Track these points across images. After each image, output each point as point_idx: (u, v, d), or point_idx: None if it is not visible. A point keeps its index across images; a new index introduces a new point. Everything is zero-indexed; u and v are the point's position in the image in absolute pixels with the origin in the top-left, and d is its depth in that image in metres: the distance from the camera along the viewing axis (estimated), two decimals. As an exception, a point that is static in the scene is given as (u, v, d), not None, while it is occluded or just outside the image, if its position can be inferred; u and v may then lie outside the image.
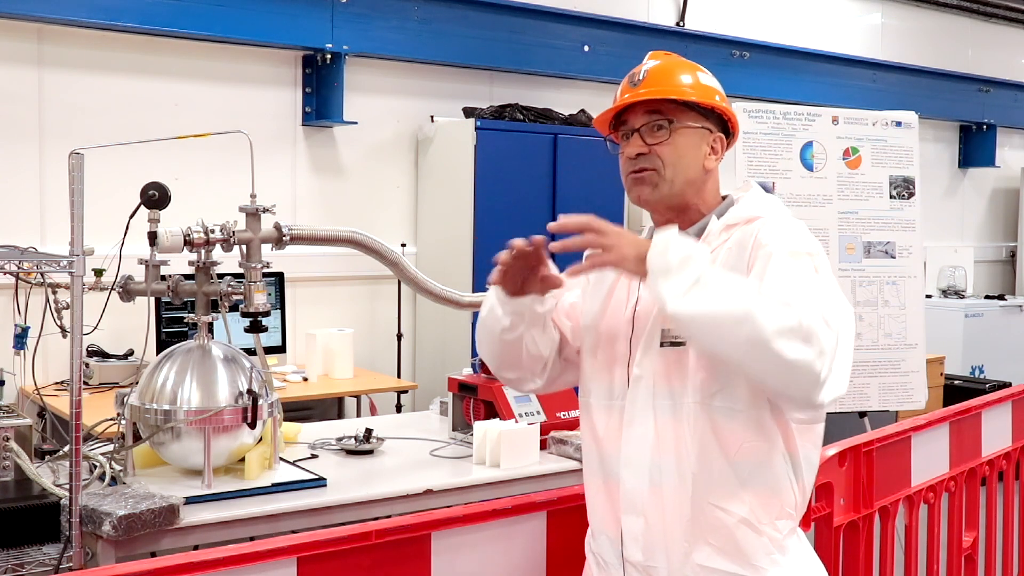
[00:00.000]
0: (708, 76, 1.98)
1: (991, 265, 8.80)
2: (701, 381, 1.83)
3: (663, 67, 1.96)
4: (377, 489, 2.83)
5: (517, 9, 5.63)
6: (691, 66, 1.98)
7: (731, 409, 1.82)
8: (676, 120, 1.91)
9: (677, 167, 1.90)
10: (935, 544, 3.12)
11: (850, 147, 4.75)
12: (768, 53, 6.76)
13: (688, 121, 1.91)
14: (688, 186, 1.92)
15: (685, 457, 1.84)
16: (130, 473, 2.72)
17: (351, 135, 5.27)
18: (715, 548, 1.85)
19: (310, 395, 4.46)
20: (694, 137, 1.92)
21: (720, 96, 1.96)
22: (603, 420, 1.97)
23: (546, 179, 5.34)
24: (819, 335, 1.64)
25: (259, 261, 2.80)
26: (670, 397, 1.86)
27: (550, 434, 3.19)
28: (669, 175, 1.90)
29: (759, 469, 1.84)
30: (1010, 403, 3.45)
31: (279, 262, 3.98)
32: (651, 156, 1.91)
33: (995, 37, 8.62)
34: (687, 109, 1.92)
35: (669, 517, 1.86)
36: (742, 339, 1.64)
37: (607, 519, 1.97)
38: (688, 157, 1.91)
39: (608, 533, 1.97)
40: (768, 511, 1.85)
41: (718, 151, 1.95)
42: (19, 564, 2.44)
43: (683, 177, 1.91)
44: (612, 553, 1.96)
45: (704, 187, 1.94)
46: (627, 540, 1.92)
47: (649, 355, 1.89)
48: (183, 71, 4.80)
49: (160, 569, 1.75)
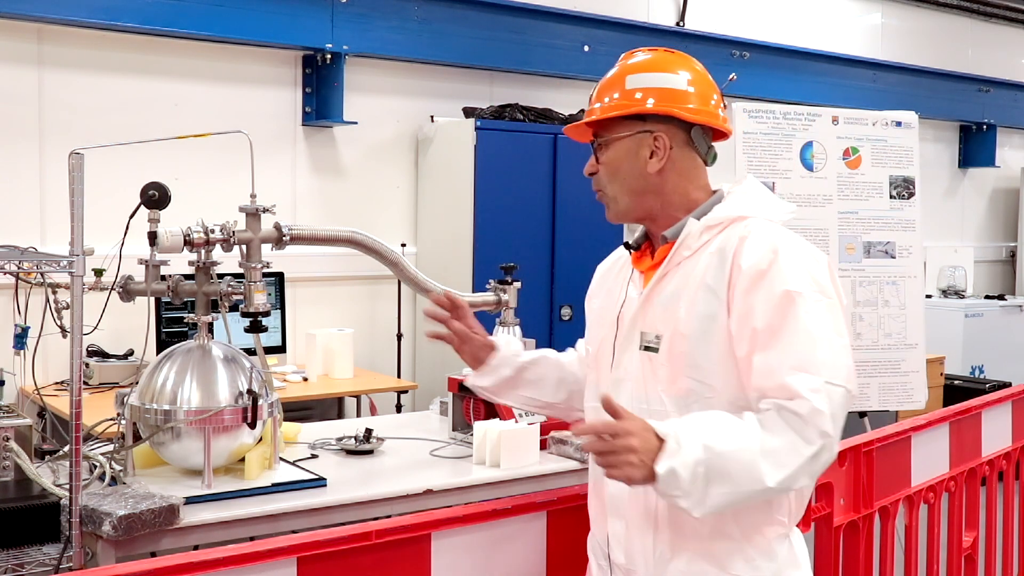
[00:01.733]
0: (653, 74, 1.89)
1: (991, 265, 8.80)
2: (676, 389, 1.81)
3: (606, 81, 1.95)
4: (377, 489, 2.83)
5: (517, 9, 5.63)
6: (631, 68, 1.92)
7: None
8: (607, 135, 1.90)
9: (615, 182, 1.90)
10: (935, 544, 3.12)
11: (850, 147, 4.75)
12: (768, 53, 6.76)
13: (619, 132, 1.89)
14: (636, 197, 1.89)
15: None
16: (130, 473, 2.72)
17: (351, 135, 5.27)
18: (692, 553, 1.83)
19: (310, 395, 4.46)
20: (628, 145, 1.88)
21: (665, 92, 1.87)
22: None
23: (546, 179, 5.34)
24: (832, 434, 1.66)
25: (259, 261, 2.79)
26: (647, 401, 1.85)
27: (550, 434, 3.19)
28: (612, 193, 1.91)
29: None
30: (1010, 403, 3.46)
31: (279, 262, 3.98)
32: (597, 177, 1.93)
33: (995, 37, 8.62)
34: (619, 121, 1.89)
35: (648, 522, 1.86)
36: (772, 494, 1.68)
37: (597, 521, 1.99)
38: (623, 171, 1.89)
39: (598, 535, 1.99)
40: (752, 518, 1.81)
41: (662, 148, 1.86)
42: (19, 564, 2.44)
43: (625, 190, 1.89)
44: (602, 555, 1.98)
45: (663, 191, 1.89)
46: (612, 542, 1.93)
47: (629, 358, 1.88)
48: (183, 71, 4.80)
49: (160, 569, 1.75)
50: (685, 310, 1.80)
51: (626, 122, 1.88)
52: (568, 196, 5.34)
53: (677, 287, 1.83)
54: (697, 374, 1.79)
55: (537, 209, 5.30)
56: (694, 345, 1.78)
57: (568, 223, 5.35)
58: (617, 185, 1.89)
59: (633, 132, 1.87)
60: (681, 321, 1.80)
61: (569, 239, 5.33)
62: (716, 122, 1.91)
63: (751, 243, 1.77)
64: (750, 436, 1.65)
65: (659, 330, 1.83)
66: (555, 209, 5.35)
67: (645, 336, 1.85)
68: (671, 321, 1.82)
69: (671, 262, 1.86)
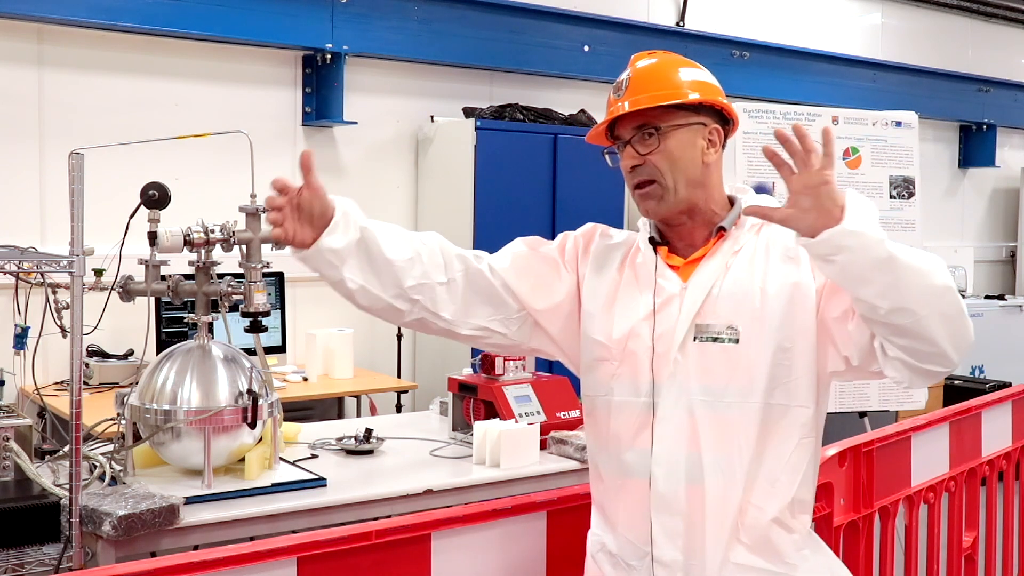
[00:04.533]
0: (693, 70, 1.92)
1: (991, 265, 8.80)
2: (761, 378, 1.81)
3: (644, 72, 1.92)
4: (377, 489, 2.83)
5: (517, 9, 5.63)
6: (673, 63, 1.93)
7: (786, 406, 1.81)
8: (664, 124, 1.86)
9: (676, 171, 1.86)
10: (935, 544, 3.12)
11: (850, 147, 4.75)
12: (768, 53, 6.76)
13: (676, 121, 1.87)
14: (693, 187, 1.88)
15: (737, 454, 1.81)
16: (130, 473, 2.72)
17: (351, 135, 5.27)
18: (748, 547, 1.83)
19: (310, 395, 4.45)
20: (687, 135, 1.87)
21: (709, 87, 1.91)
22: (624, 418, 1.90)
23: (546, 179, 5.34)
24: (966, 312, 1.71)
25: (259, 261, 2.79)
26: (712, 393, 1.82)
27: (550, 434, 3.19)
28: (670, 182, 1.86)
29: (804, 466, 1.84)
30: (1010, 403, 3.45)
31: (279, 262, 3.97)
32: (647, 166, 1.87)
33: (995, 37, 8.61)
34: (674, 110, 1.87)
35: (709, 516, 1.83)
36: (937, 285, 1.67)
37: (631, 519, 1.90)
38: (685, 158, 1.87)
39: (631, 534, 1.91)
40: (801, 507, 1.86)
41: (716, 143, 1.90)
42: (19, 564, 2.44)
43: (684, 179, 1.86)
44: (636, 554, 1.90)
45: (709, 184, 1.90)
46: (660, 540, 1.86)
47: (684, 351, 1.85)
48: (183, 71, 4.80)
49: (160, 569, 1.75)
50: (761, 293, 1.82)
51: (683, 112, 1.87)
52: (568, 196, 5.34)
53: (741, 275, 1.84)
54: (781, 357, 1.80)
55: (537, 209, 5.30)
56: (780, 323, 1.80)
57: (568, 223, 5.27)
58: (677, 174, 1.87)
59: (690, 122, 1.87)
60: (762, 306, 1.81)
61: (569, 239, 5.32)
62: (735, 130, 1.97)
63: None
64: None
65: (731, 320, 1.83)
66: (555, 209, 5.35)
67: (710, 328, 1.84)
68: (746, 309, 1.82)
69: (727, 252, 1.88)
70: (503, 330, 1.96)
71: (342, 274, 1.83)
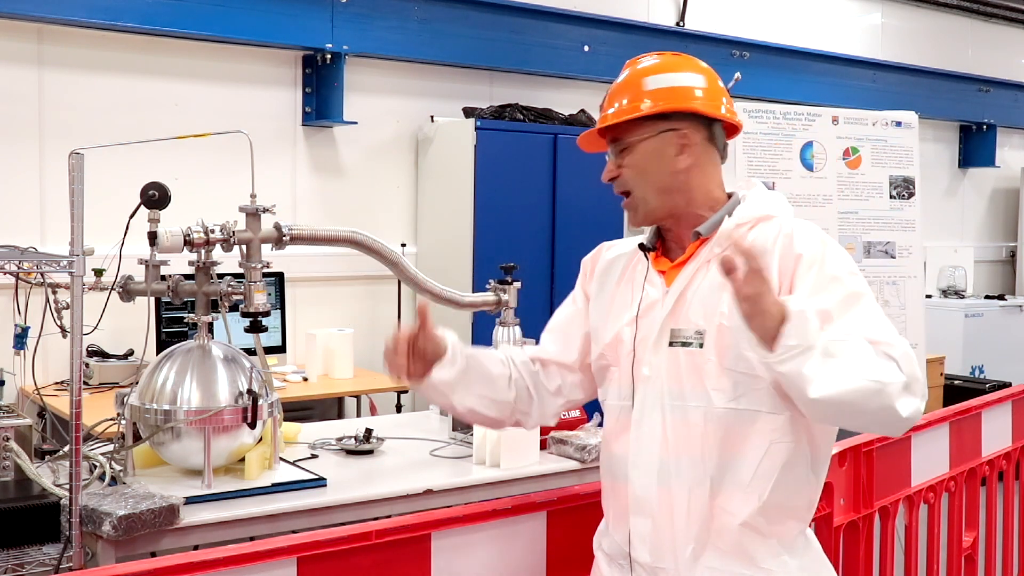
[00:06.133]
0: (666, 75, 1.91)
1: (991, 265, 8.80)
2: (723, 383, 1.81)
3: (618, 86, 1.94)
4: (377, 489, 2.83)
5: (517, 9, 5.63)
6: (644, 71, 1.93)
7: (756, 412, 1.81)
8: (629, 138, 1.89)
9: (644, 183, 1.89)
10: (935, 544, 3.12)
11: (850, 147, 4.75)
12: (768, 53, 6.76)
13: (641, 134, 1.88)
14: (665, 195, 1.89)
15: (701, 459, 1.82)
16: (130, 473, 2.72)
17: (351, 135, 5.27)
18: (721, 551, 1.83)
19: (310, 395, 4.45)
20: (653, 145, 1.88)
21: (676, 93, 1.89)
22: (611, 421, 1.98)
23: (546, 179, 5.34)
24: (919, 379, 1.67)
25: (259, 261, 2.80)
26: (681, 398, 1.84)
27: (550, 434, 3.19)
28: (640, 194, 1.90)
29: (779, 471, 1.81)
30: (1010, 403, 3.46)
31: (279, 262, 3.98)
32: (621, 179, 1.92)
33: (995, 37, 8.62)
34: (637, 123, 1.89)
35: (678, 519, 1.85)
36: (873, 408, 1.64)
37: (617, 519, 1.96)
38: (651, 169, 1.88)
39: (616, 534, 1.96)
40: (779, 512, 1.83)
41: (690, 146, 1.88)
42: (19, 564, 2.44)
43: (653, 189, 1.88)
44: (620, 553, 1.95)
45: (689, 188, 1.89)
46: (635, 541, 1.90)
47: (658, 355, 1.87)
48: (183, 71, 4.80)
49: (160, 569, 1.75)
50: (730, 300, 1.78)
51: (647, 123, 1.88)
52: (568, 196, 5.34)
53: (715, 281, 1.81)
54: (744, 366, 1.79)
55: (537, 209, 5.30)
56: (741, 335, 1.77)
57: (568, 223, 5.35)
58: (646, 186, 1.89)
59: (656, 132, 1.88)
60: (726, 314, 1.80)
61: (569, 239, 5.33)
62: (733, 117, 1.94)
63: (802, 234, 1.82)
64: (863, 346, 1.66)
65: (700, 326, 1.84)
66: (555, 209, 5.35)
67: (681, 333, 1.85)
68: (714, 315, 1.82)
69: (703, 258, 1.87)
70: (582, 395, 2.13)
71: (451, 400, 2.04)
